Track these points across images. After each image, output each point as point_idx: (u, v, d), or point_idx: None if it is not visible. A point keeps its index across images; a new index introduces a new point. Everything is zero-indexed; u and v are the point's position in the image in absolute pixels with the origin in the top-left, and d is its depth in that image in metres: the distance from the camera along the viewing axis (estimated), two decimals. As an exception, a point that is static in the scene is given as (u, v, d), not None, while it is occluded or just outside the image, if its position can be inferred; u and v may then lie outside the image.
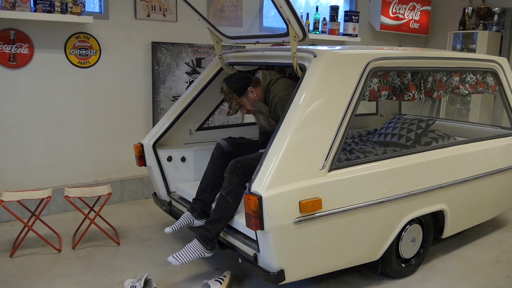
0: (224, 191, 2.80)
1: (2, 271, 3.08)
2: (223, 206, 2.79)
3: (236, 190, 2.78)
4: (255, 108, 3.13)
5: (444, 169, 3.08)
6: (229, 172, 2.83)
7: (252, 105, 3.13)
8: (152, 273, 3.02)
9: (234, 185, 2.79)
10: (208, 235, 2.77)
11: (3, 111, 3.86)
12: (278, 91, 3.06)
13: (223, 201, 2.79)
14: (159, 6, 4.48)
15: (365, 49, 2.98)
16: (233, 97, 3.09)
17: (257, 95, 3.13)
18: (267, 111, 3.12)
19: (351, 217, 2.56)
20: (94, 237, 3.59)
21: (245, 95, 3.11)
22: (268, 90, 3.13)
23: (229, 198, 2.78)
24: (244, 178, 2.80)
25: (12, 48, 3.82)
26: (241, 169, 2.80)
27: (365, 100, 2.73)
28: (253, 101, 3.12)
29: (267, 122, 3.15)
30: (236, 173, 2.79)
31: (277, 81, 3.14)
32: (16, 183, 3.96)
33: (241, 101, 3.11)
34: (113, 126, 4.43)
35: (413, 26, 6.55)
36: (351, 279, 3.04)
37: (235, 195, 2.78)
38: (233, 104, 3.10)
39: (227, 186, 2.81)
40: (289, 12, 2.50)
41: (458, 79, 3.26)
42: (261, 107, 3.13)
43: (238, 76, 3.19)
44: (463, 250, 3.55)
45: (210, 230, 2.77)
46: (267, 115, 3.13)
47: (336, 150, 2.50)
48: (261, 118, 3.15)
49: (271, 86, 3.12)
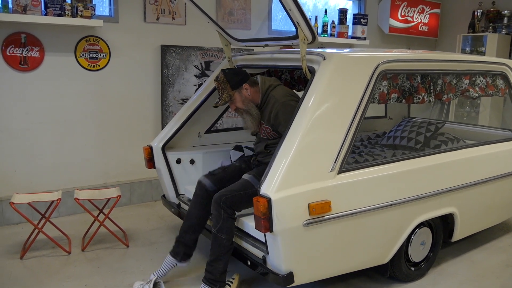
0: (215, 229, 2.73)
1: (13, 273, 3.10)
2: (218, 244, 2.73)
3: (226, 225, 2.72)
4: (244, 107, 3.00)
5: (454, 172, 3.06)
6: (215, 209, 2.75)
7: (242, 103, 2.99)
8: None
9: (223, 221, 2.71)
10: (213, 277, 2.73)
11: (14, 114, 3.90)
12: (279, 97, 2.96)
13: (217, 239, 2.72)
14: (168, 10, 4.51)
15: (375, 52, 2.98)
16: (226, 88, 2.94)
17: (251, 94, 2.99)
18: (257, 114, 3.02)
19: (360, 219, 2.56)
20: (104, 239, 3.61)
21: (238, 90, 2.97)
22: (267, 95, 3.02)
23: (221, 235, 2.71)
24: (231, 210, 2.74)
25: (23, 51, 3.86)
26: (226, 203, 2.72)
27: (375, 102, 2.72)
28: (245, 99, 2.99)
29: (254, 125, 3.03)
30: (222, 208, 2.71)
31: (276, 88, 3.04)
32: (26, 185, 4.00)
33: (233, 95, 2.96)
34: (122, 128, 4.46)
35: (422, 29, 6.53)
36: (360, 283, 3.03)
37: (226, 229, 2.72)
38: (224, 95, 2.94)
39: (216, 223, 2.73)
40: (299, 15, 2.50)
41: (467, 82, 3.25)
42: (251, 108, 3.01)
43: (237, 69, 3.11)
44: (473, 254, 3.53)
45: (213, 272, 2.73)
46: (256, 118, 3.02)
47: (345, 152, 2.50)
48: (249, 119, 3.02)
49: (270, 91, 3.01)
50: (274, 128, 2.99)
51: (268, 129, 3.03)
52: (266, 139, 3.10)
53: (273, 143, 3.04)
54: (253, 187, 2.82)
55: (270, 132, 3.04)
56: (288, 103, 2.91)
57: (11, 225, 3.94)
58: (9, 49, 3.79)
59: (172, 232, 3.84)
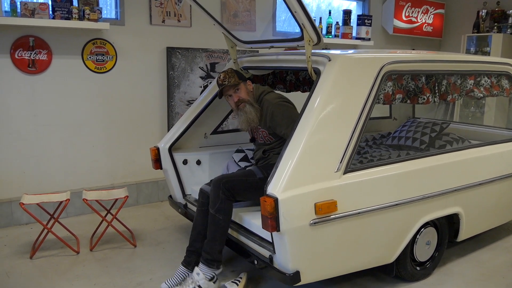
0: (213, 209, 2.80)
1: (23, 272, 3.14)
2: (216, 224, 2.80)
3: (224, 207, 2.79)
4: (249, 98, 3.06)
5: (459, 172, 3.08)
6: (214, 190, 2.82)
7: (247, 94, 3.07)
8: (168, 275, 3.06)
9: (221, 202, 2.78)
10: (210, 257, 2.81)
11: (22, 116, 3.95)
12: (271, 99, 3.06)
13: (214, 219, 2.80)
14: (173, 12, 4.55)
15: (379, 53, 3.00)
16: (234, 77, 3.03)
17: (253, 91, 3.12)
18: (258, 108, 3.07)
19: (366, 219, 2.58)
20: (111, 239, 3.65)
21: (244, 82, 3.08)
22: (261, 100, 3.10)
23: (219, 215, 2.78)
24: (230, 193, 2.81)
25: (31, 54, 3.91)
26: (226, 185, 2.80)
27: (380, 103, 2.74)
28: (249, 92, 3.09)
29: (256, 117, 3.04)
30: (221, 189, 2.78)
31: (269, 93, 3.14)
32: (35, 186, 4.04)
33: (239, 84, 3.04)
34: (129, 130, 4.50)
35: (426, 29, 6.54)
36: (365, 282, 3.05)
37: (224, 211, 2.79)
38: (232, 80, 3.01)
39: (214, 204, 2.80)
40: (304, 16, 2.53)
41: (472, 82, 3.26)
42: (253, 102, 3.07)
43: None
44: (479, 253, 3.53)
45: (210, 252, 2.81)
46: (258, 110, 3.06)
47: (351, 152, 2.52)
48: (252, 111, 3.03)
49: (264, 96, 3.11)
50: (270, 131, 3.04)
51: (265, 132, 3.09)
52: (263, 144, 3.15)
53: (270, 148, 3.09)
54: (255, 176, 2.91)
55: (267, 136, 3.09)
56: (281, 104, 3.00)
57: (20, 225, 3.99)
58: (17, 52, 3.84)
59: (179, 232, 3.87)
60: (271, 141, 3.10)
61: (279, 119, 2.95)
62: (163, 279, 3.00)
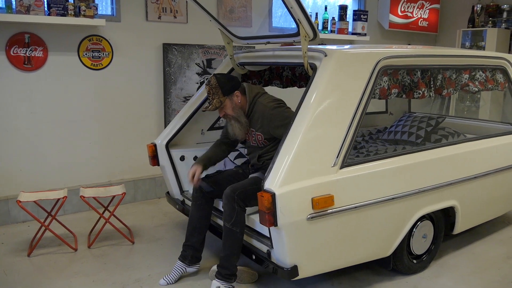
0: (229, 223, 2.71)
1: (21, 270, 3.15)
2: (232, 238, 2.73)
3: (240, 219, 2.72)
4: (234, 114, 2.96)
5: (455, 166, 3.11)
6: (228, 203, 2.72)
7: (232, 110, 2.95)
8: (166, 271, 3.07)
9: (237, 214, 2.70)
10: (228, 272, 2.75)
11: (18, 113, 3.94)
12: (267, 103, 2.95)
13: (231, 233, 2.72)
14: (170, 8, 4.54)
15: (375, 48, 3.02)
16: (217, 93, 2.88)
17: (241, 102, 2.97)
18: (245, 122, 2.98)
19: (363, 213, 2.60)
20: (109, 236, 3.66)
21: (229, 96, 2.93)
22: (254, 102, 2.99)
23: (236, 229, 2.71)
24: (244, 204, 2.73)
25: (26, 51, 3.89)
26: (240, 196, 2.71)
27: (376, 98, 2.76)
28: (235, 106, 2.95)
29: (242, 132, 3.00)
30: (236, 201, 2.70)
31: (262, 95, 3.03)
32: (32, 184, 4.04)
33: (223, 101, 2.91)
34: (126, 127, 4.50)
35: (422, 24, 6.55)
36: (363, 276, 3.08)
37: (240, 223, 2.72)
38: (214, 101, 2.89)
39: (230, 217, 2.71)
40: (300, 12, 2.54)
41: (467, 76, 3.28)
42: (240, 116, 2.97)
43: (230, 75, 3.08)
44: (474, 246, 3.57)
45: (228, 267, 2.75)
46: (245, 126, 2.99)
47: (347, 147, 2.54)
48: (237, 127, 2.98)
49: (257, 99, 2.99)
50: (267, 136, 2.96)
51: (260, 136, 3.00)
52: (257, 148, 3.07)
53: (264, 152, 3.03)
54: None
55: (262, 140, 3.01)
56: (278, 107, 2.92)
57: (17, 223, 3.99)
58: (13, 49, 3.82)
59: (176, 229, 3.88)
60: (265, 145, 3.03)
61: (279, 122, 2.87)
62: (161, 275, 3.02)
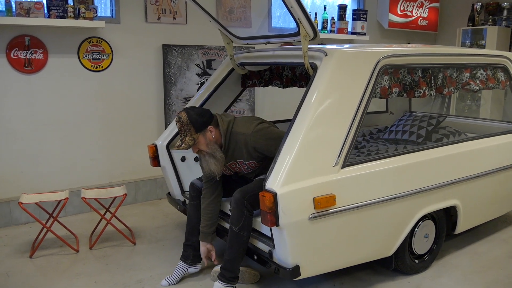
0: (236, 227, 2.68)
1: (23, 271, 3.15)
2: (239, 242, 2.70)
3: (248, 223, 2.69)
4: (209, 150, 2.80)
5: (456, 165, 3.10)
6: (237, 207, 2.68)
7: (207, 146, 2.79)
8: (168, 272, 3.07)
9: (245, 218, 2.67)
10: (232, 274, 2.74)
11: (19, 116, 3.94)
12: (245, 129, 2.83)
13: (238, 237, 2.69)
14: (169, 9, 4.55)
15: (375, 47, 3.01)
16: (189, 130, 2.72)
17: (215, 136, 2.82)
18: (221, 157, 2.82)
19: (365, 213, 2.60)
20: (110, 237, 3.66)
21: (202, 133, 2.77)
22: (229, 133, 2.85)
23: (243, 233, 2.69)
24: (252, 208, 2.69)
25: (27, 53, 3.90)
26: (249, 200, 2.67)
27: (376, 97, 2.76)
28: (209, 142, 2.80)
29: (218, 168, 2.81)
30: (245, 206, 2.66)
31: (235, 122, 2.89)
32: (33, 186, 4.04)
33: (196, 138, 2.75)
34: (126, 128, 4.50)
35: (421, 23, 6.54)
36: (365, 276, 3.07)
37: (247, 227, 2.70)
38: (186, 139, 2.73)
39: (238, 222, 2.67)
40: (300, 12, 2.53)
41: (468, 75, 3.28)
42: (216, 151, 2.81)
43: (202, 110, 2.87)
44: (477, 245, 3.56)
45: (232, 270, 2.73)
46: (221, 161, 2.82)
47: (348, 147, 2.54)
48: (212, 163, 2.81)
49: (231, 129, 2.85)
50: (258, 160, 2.89)
51: (253, 163, 2.92)
52: (251, 172, 3.02)
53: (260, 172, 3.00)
54: None
55: (255, 165, 2.95)
56: (259, 129, 2.83)
57: (19, 225, 3.99)
58: (13, 52, 3.83)
59: (177, 229, 3.88)
60: (258, 166, 2.97)
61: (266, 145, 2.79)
62: (163, 275, 3.02)
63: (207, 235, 2.97)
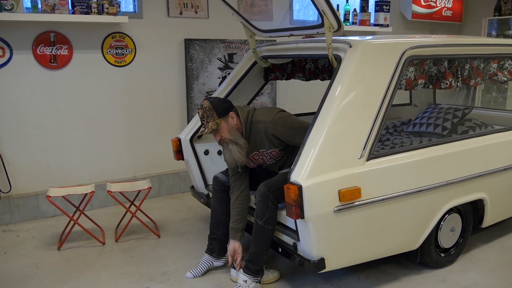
0: (261, 220, 2.68)
1: (52, 263, 3.22)
2: (264, 235, 2.70)
3: (273, 216, 2.69)
4: (231, 137, 2.81)
5: (483, 158, 3.04)
6: (262, 200, 2.69)
7: (229, 132, 2.81)
8: (192, 264, 3.10)
9: (270, 211, 2.67)
10: (257, 267, 2.75)
11: (46, 111, 4.02)
12: (265, 118, 2.86)
13: (263, 230, 2.69)
14: (191, 4, 4.56)
15: (400, 38, 2.97)
16: (212, 115, 2.75)
17: (237, 123, 2.85)
18: (244, 143, 2.84)
19: (390, 206, 2.57)
20: (135, 230, 3.71)
21: (225, 118, 2.80)
22: (250, 122, 2.88)
23: (268, 226, 2.69)
24: (277, 201, 2.69)
25: (52, 50, 3.96)
26: (274, 194, 2.67)
27: (402, 89, 2.72)
28: (232, 128, 2.82)
29: (241, 155, 2.83)
30: (270, 199, 2.66)
31: (255, 111, 2.93)
32: (60, 179, 4.12)
33: (219, 123, 2.77)
34: (150, 122, 4.55)
35: (445, 14, 6.42)
36: (390, 269, 3.05)
37: (272, 220, 2.69)
38: (210, 124, 2.75)
39: (263, 215, 2.68)
40: (324, 3, 2.51)
41: (496, 65, 3.21)
42: (238, 138, 2.83)
43: (223, 98, 3.02)
44: (505, 239, 3.49)
45: (257, 263, 2.75)
46: (244, 148, 2.83)
47: (373, 139, 2.51)
48: (236, 150, 2.82)
49: (251, 118, 2.89)
50: (280, 147, 2.90)
51: (275, 151, 2.93)
52: (275, 163, 3.03)
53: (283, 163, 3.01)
54: None
55: (277, 153, 2.95)
56: (279, 117, 2.85)
57: (47, 218, 4.08)
58: (39, 48, 3.90)
59: (200, 222, 3.91)
60: (281, 156, 2.98)
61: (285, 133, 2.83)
62: (188, 268, 3.05)
63: (236, 232, 2.94)
